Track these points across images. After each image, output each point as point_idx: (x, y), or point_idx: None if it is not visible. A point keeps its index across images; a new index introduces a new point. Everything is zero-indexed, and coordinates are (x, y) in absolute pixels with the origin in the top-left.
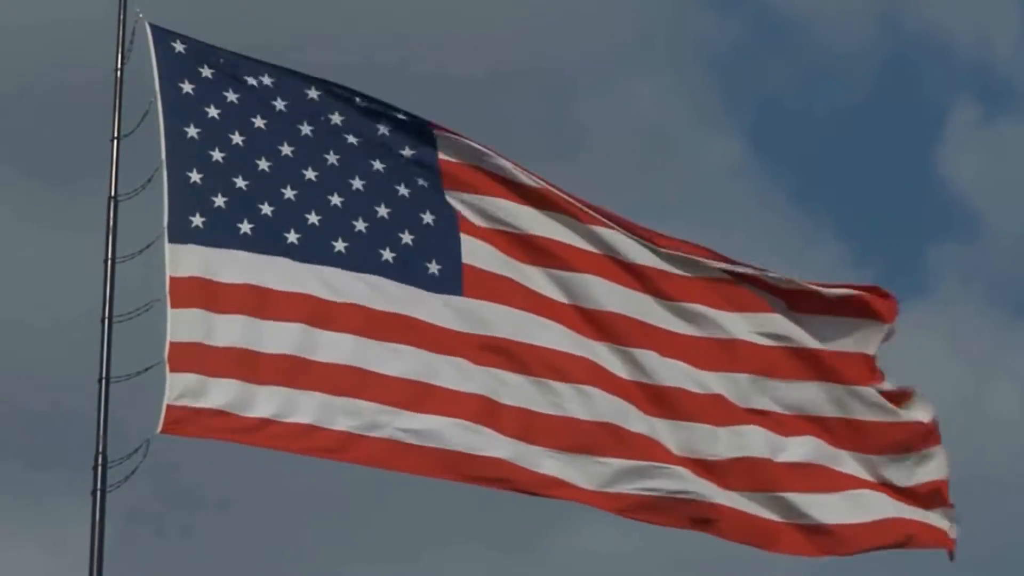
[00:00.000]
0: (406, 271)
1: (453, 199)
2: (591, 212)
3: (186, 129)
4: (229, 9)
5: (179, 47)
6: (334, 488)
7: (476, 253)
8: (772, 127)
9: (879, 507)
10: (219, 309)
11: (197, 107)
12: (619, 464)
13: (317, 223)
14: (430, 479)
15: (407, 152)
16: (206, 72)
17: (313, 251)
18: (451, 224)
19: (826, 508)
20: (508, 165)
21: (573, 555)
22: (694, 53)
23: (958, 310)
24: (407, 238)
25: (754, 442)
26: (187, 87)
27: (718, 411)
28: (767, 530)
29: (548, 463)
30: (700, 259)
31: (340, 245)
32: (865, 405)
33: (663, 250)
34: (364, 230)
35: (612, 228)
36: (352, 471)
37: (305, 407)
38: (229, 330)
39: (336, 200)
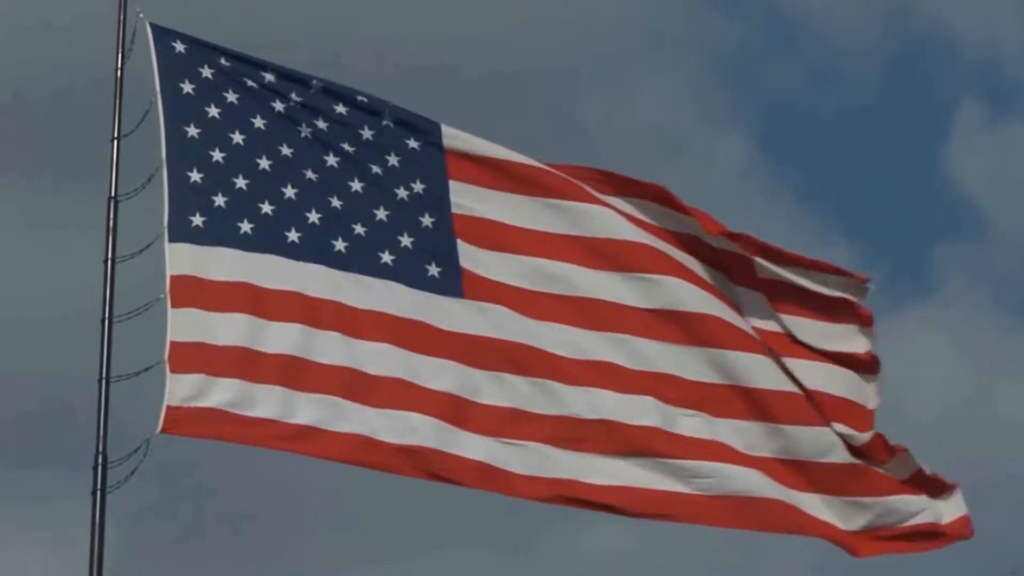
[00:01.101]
0: (407, 273)
1: (458, 196)
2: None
3: (186, 129)
4: (229, 9)
5: (179, 47)
6: (334, 489)
7: (476, 256)
8: (779, 127)
9: None
10: (220, 308)
11: (197, 107)
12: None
13: (317, 222)
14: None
15: (408, 152)
16: (206, 72)
17: (314, 250)
18: (449, 227)
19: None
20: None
21: (573, 555)
22: (701, 53)
23: (964, 310)
24: (406, 240)
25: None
26: (187, 87)
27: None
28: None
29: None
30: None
31: (340, 245)
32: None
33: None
34: (363, 232)
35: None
36: (355, 472)
37: (307, 408)
38: (231, 329)
39: (336, 201)
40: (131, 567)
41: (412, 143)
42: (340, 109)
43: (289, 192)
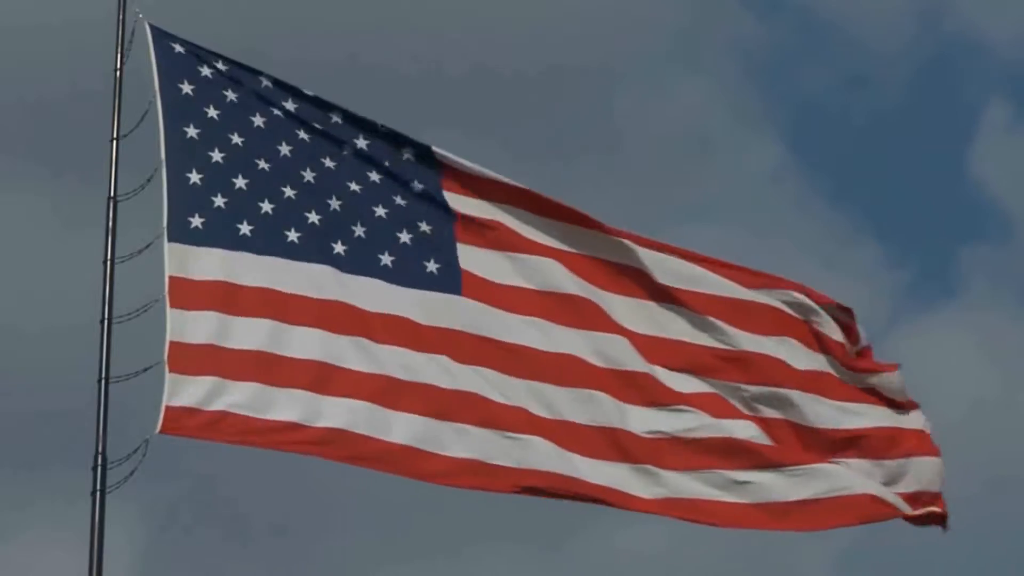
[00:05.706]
0: (405, 273)
1: (453, 204)
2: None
3: (186, 129)
4: (230, 9)
5: (179, 48)
6: (366, 489)
7: (476, 260)
8: (810, 129)
9: None
10: (216, 308)
11: (197, 107)
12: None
13: (317, 223)
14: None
15: (404, 158)
16: (206, 72)
17: (314, 251)
18: (448, 232)
19: None
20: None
21: (605, 554)
22: (733, 55)
23: (989, 312)
24: (405, 237)
25: None
26: (187, 87)
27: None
28: None
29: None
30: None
31: (339, 247)
32: None
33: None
34: (363, 234)
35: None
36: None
37: (327, 411)
38: (230, 330)
39: (335, 203)
40: (158, 571)
41: (406, 154)
42: (337, 117)
43: (288, 192)
